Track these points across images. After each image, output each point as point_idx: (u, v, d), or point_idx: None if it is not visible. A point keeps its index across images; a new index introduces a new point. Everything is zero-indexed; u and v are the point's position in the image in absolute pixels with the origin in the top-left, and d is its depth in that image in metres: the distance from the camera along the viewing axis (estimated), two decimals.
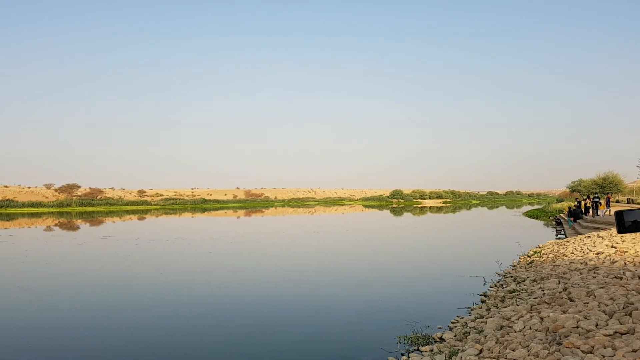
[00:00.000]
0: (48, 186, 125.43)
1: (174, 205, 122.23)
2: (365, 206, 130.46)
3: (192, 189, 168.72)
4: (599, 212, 32.47)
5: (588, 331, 6.43)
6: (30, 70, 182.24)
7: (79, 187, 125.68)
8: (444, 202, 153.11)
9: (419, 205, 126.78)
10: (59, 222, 57.06)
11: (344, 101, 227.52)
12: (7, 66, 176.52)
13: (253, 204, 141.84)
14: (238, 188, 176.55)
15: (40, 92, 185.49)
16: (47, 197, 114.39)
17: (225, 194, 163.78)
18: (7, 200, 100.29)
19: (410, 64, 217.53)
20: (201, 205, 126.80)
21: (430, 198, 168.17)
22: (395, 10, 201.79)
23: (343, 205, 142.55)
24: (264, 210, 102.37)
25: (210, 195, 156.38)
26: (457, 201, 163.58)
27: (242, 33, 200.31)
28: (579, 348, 5.80)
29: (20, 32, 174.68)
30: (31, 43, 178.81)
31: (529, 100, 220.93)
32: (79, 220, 59.76)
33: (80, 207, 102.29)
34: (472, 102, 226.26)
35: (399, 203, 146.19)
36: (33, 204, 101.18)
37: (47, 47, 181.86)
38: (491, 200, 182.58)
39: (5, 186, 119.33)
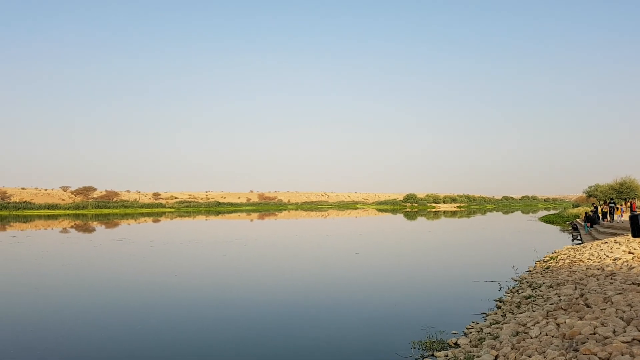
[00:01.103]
0: (64, 188, 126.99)
1: (188, 208, 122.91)
2: (379, 210, 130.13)
3: (207, 192, 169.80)
4: (615, 218, 32.12)
5: (605, 338, 6.37)
6: (47, 75, 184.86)
7: (95, 189, 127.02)
8: (458, 207, 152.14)
9: (433, 210, 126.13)
10: (75, 224, 57.70)
11: (358, 105, 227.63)
12: (24, 71, 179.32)
13: (266, 207, 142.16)
14: (252, 191, 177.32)
15: (57, 96, 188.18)
16: (63, 200, 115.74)
17: (239, 197, 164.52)
18: (24, 202, 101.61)
19: (424, 69, 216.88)
20: (215, 208, 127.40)
21: (444, 202, 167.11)
22: (409, 15, 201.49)
23: (356, 209, 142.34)
24: (277, 213, 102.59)
25: (224, 198, 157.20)
26: (472, 206, 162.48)
27: (252, 35, 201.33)
28: (596, 355, 5.75)
29: (34, 36, 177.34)
30: (45, 47, 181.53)
31: (545, 104, 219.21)
32: (95, 223, 60.37)
33: (96, 210, 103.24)
34: (487, 106, 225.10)
35: (412, 207, 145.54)
36: (50, 206, 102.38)
37: (63, 51, 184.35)
38: (506, 205, 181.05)
39: (23, 188, 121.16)
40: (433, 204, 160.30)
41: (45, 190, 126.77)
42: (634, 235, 2.83)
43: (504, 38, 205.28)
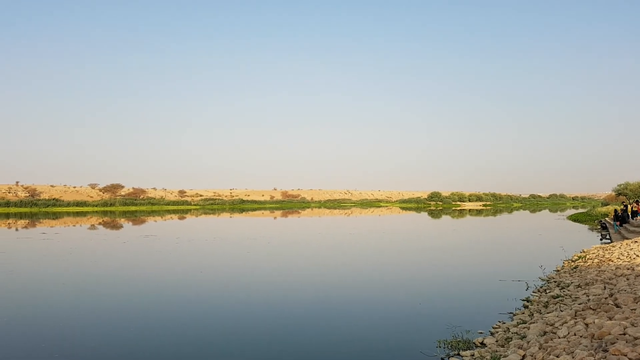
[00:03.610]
0: (93, 186, 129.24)
1: (213, 206, 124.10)
2: (403, 208, 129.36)
3: (231, 189, 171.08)
4: None
5: (635, 338, 6.27)
6: (74, 73, 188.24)
7: (123, 187, 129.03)
8: (484, 205, 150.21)
9: (458, 208, 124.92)
10: (103, 221, 58.76)
11: (381, 103, 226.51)
12: (53, 69, 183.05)
13: (290, 204, 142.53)
14: (275, 189, 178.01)
15: (85, 94, 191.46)
16: (91, 197, 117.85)
17: (263, 195, 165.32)
18: (53, 199, 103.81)
19: (446, 68, 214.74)
20: (239, 206, 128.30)
21: (469, 201, 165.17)
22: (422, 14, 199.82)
23: (380, 207, 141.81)
24: (300, 211, 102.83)
25: (248, 195, 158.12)
26: (498, 204, 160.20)
27: (268, 34, 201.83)
28: (626, 355, 5.67)
29: (55, 35, 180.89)
30: (70, 45, 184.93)
31: (574, 101, 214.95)
32: (122, 219, 61.40)
33: (124, 207, 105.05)
34: (513, 103, 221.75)
35: (437, 205, 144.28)
36: (78, 203, 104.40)
37: (88, 50, 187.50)
38: (534, 203, 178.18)
39: (52, 186, 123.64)
40: (458, 203, 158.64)
41: (74, 187, 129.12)
42: None
43: (526, 38, 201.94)
